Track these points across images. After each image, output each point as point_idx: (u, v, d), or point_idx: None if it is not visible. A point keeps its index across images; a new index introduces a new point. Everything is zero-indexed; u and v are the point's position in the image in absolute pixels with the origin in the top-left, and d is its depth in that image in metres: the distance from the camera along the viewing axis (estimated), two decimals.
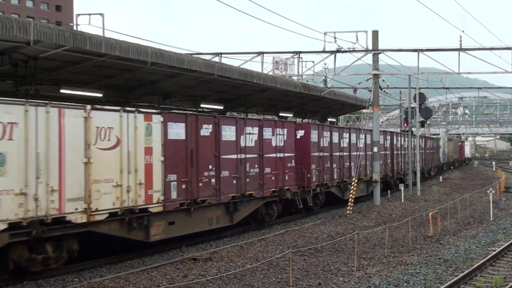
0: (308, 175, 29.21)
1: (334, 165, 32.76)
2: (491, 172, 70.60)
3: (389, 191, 40.91)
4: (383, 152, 41.24)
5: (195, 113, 22.76)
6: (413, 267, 17.22)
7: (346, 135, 35.01)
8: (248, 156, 24.27)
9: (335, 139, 33.18)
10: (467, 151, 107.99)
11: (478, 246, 20.67)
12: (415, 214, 29.80)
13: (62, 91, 22.37)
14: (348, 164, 34.80)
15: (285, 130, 27.18)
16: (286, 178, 26.97)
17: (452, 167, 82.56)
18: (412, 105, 44.23)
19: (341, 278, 16.19)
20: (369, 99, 37.31)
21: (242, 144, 23.92)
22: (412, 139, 45.76)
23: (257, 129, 25.06)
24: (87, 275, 16.79)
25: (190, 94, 30.09)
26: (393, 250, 20.33)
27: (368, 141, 37.96)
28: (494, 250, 19.40)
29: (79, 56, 19.55)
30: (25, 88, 20.52)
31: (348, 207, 31.19)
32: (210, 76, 25.60)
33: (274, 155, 26.13)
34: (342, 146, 34.05)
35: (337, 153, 33.31)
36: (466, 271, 16.18)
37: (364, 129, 37.72)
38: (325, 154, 31.54)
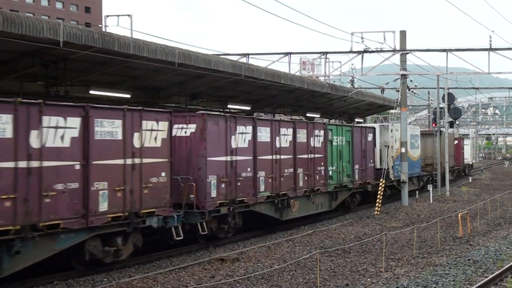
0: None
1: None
2: None
3: (417, 191, 40.61)
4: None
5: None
6: (442, 268, 17.06)
7: None
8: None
9: None
10: (467, 155, 67.37)
11: (508, 247, 20.38)
12: (444, 215, 29.49)
13: (91, 92, 22.59)
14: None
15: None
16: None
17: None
18: (440, 106, 43.83)
19: (368, 279, 16.11)
20: (397, 99, 37.08)
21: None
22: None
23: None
24: (115, 275, 16.92)
25: (217, 95, 30.18)
26: (421, 251, 20.16)
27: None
28: None
29: (107, 57, 19.70)
30: (56, 90, 20.75)
31: (376, 208, 31.07)
32: (237, 77, 25.65)
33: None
34: None
35: None
36: (496, 272, 16.01)
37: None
38: None
